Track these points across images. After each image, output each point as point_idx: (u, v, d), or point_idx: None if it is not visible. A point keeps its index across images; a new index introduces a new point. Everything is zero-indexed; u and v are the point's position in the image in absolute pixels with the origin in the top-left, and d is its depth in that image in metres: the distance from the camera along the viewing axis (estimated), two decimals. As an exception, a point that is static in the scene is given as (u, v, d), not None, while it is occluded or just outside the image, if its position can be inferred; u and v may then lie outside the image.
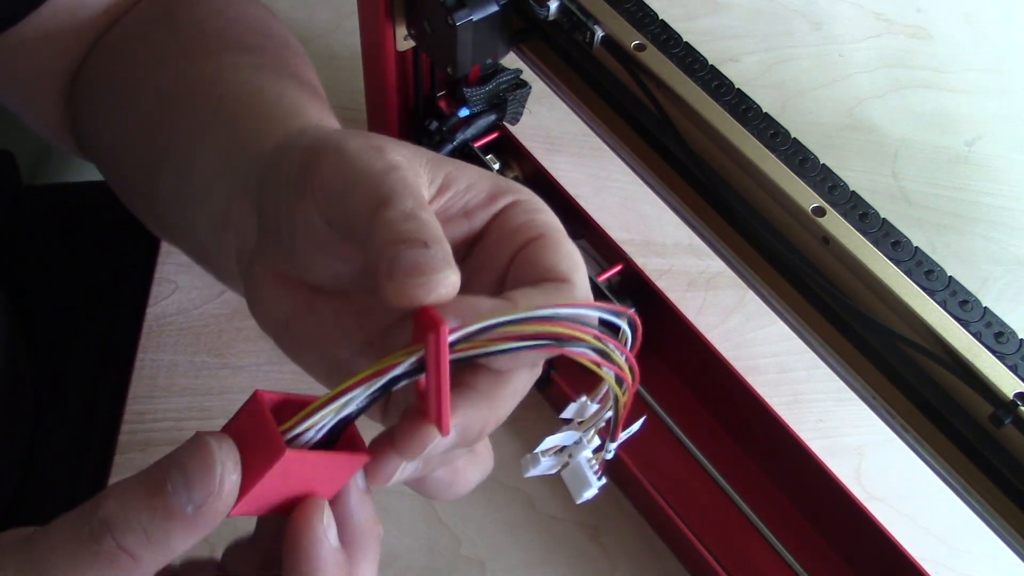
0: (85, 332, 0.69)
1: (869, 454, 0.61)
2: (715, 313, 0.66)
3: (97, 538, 0.26)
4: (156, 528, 0.26)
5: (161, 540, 0.26)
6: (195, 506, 0.26)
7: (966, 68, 0.82)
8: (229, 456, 0.26)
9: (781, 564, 0.54)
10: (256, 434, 0.27)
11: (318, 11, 0.79)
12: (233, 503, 0.27)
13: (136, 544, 0.26)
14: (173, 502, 0.26)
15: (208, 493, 0.26)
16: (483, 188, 0.32)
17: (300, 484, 0.28)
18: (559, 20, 0.50)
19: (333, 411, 0.27)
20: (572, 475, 0.36)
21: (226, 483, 0.26)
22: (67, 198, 0.78)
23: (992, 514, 0.42)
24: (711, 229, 0.50)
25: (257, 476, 0.27)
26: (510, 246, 0.32)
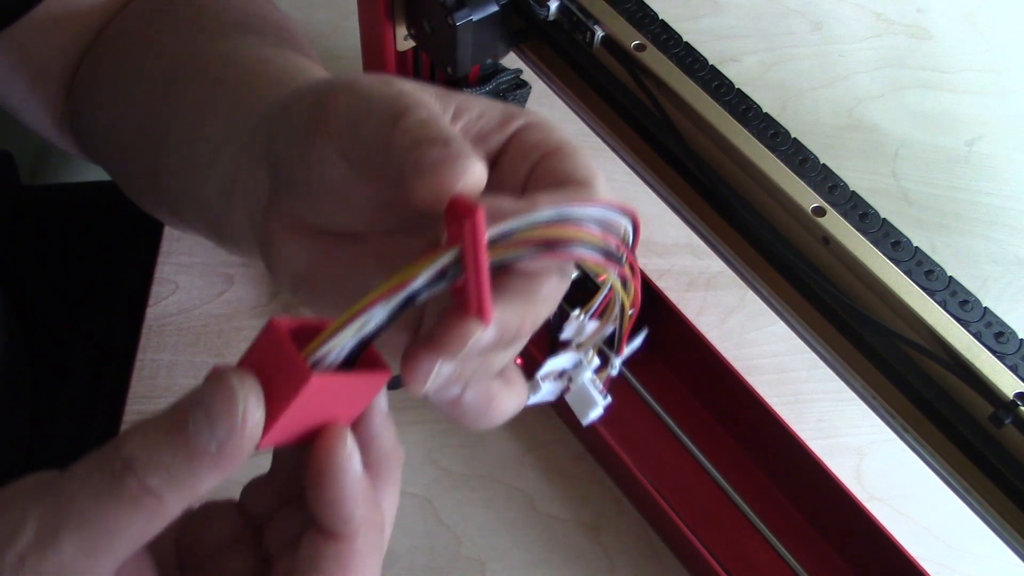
0: (85, 332, 0.69)
1: (869, 454, 0.61)
2: (715, 313, 0.66)
3: (120, 478, 0.25)
4: (179, 467, 0.25)
5: (185, 480, 0.25)
6: (218, 444, 0.25)
7: (966, 68, 0.82)
8: (251, 391, 0.25)
9: (781, 564, 0.54)
10: (277, 363, 0.26)
11: (318, 11, 0.79)
12: (258, 439, 0.26)
13: (160, 484, 0.25)
14: (196, 441, 0.25)
15: (231, 430, 0.25)
16: (494, 114, 0.32)
17: (323, 411, 0.27)
18: (559, 20, 0.50)
19: (353, 331, 0.26)
20: (576, 397, 0.35)
21: (249, 419, 0.25)
22: (67, 198, 0.78)
23: (992, 514, 0.42)
24: (711, 229, 0.50)
25: (282, 406, 0.26)
26: (526, 162, 0.32)
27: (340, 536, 0.27)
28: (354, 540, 0.27)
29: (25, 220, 0.73)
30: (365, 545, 0.27)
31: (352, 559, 0.27)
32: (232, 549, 0.30)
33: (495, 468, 0.59)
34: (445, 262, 0.26)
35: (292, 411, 0.26)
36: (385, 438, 0.30)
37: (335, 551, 0.27)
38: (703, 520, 0.54)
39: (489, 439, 0.60)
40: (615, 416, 0.58)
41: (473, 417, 0.31)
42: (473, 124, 0.32)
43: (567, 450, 0.59)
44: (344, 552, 0.27)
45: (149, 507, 0.25)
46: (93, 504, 0.25)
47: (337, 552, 0.27)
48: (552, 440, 0.60)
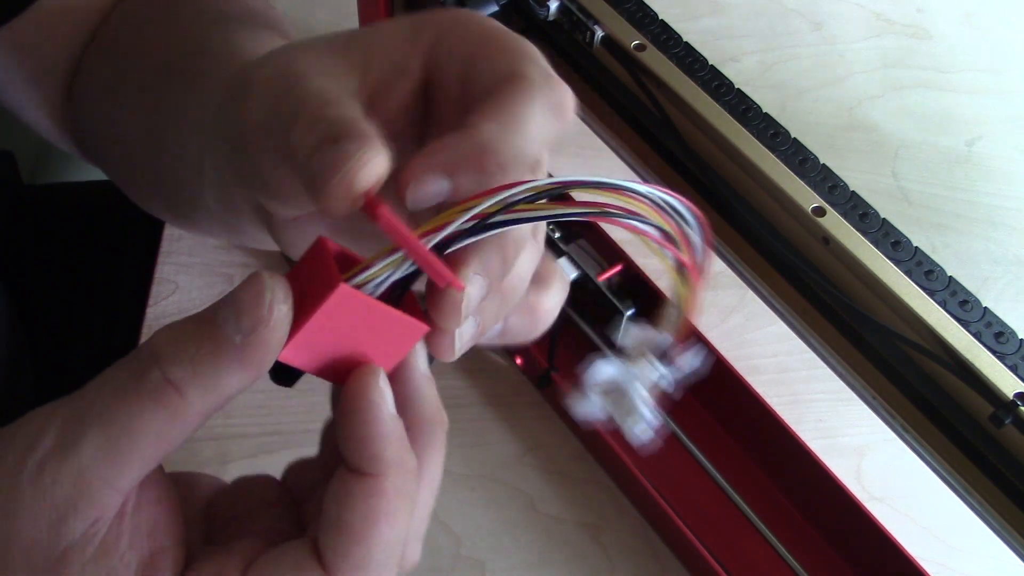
0: (85, 332, 0.69)
1: (869, 454, 0.61)
2: (715, 313, 0.66)
3: (145, 371, 0.25)
4: (203, 359, 0.25)
5: (208, 373, 0.25)
6: (243, 335, 0.25)
7: (966, 68, 0.82)
8: (279, 286, 0.25)
9: (781, 564, 0.54)
10: (314, 274, 0.26)
11: (318, 11, 0.79)
12: (283, 336, 0.25)
13: (182, 377, 0.25)
14: (221, 331, 0.25)
15: (257, 320, 0.25)
16: (401, 43, 0.31)
17: (355, 342, 0.27)
18: (559, 20, 0.50)
19: (393, 264, 0.26)
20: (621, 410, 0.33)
21: (275, 311, 0.25)
22: (67, 198, 0.78)
23: (992, 514, 0.42)
24: (711, 229, 0.50)
25: (310, 313, 0.25)
26: (455, 80, 0.31)
27: (368, 475, 0.26)
28: (383, 479, 0.26)
29: (26, 220, 0.73)
30: (394, 487, 0.26)
31: (381, 499, 0.26)
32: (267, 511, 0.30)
33: (495, 468, 0.59)
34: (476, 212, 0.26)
35: (319, 319, 0.26)
36: (426, 399, 0.29)
37: (363, 489, 0.26)
38: (703, 520, 0.54)
39: (489, 439, 0.60)
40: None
41: (526, 335, 0.31)
42: (383, 69, 0.31)
43: (567, 450, 0.59)
44: (373, 490, 0.26)
45: (170, 402, 0.25)
46: (115, 399, 0.25)
47: (365, 489, 0.26)
48: (552, 440, 0.60)
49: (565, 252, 0.58)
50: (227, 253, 0.65)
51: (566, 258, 0.57)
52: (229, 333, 0.25)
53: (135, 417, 0.25)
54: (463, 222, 0.26)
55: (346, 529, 0.26)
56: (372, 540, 0.26)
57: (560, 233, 0.59)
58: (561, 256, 0.58)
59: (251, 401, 0.59)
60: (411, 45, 0.31)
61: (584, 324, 0.59)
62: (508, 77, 0.29)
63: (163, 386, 0.25)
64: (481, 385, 0.61)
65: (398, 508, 0.26)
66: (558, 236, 0.59)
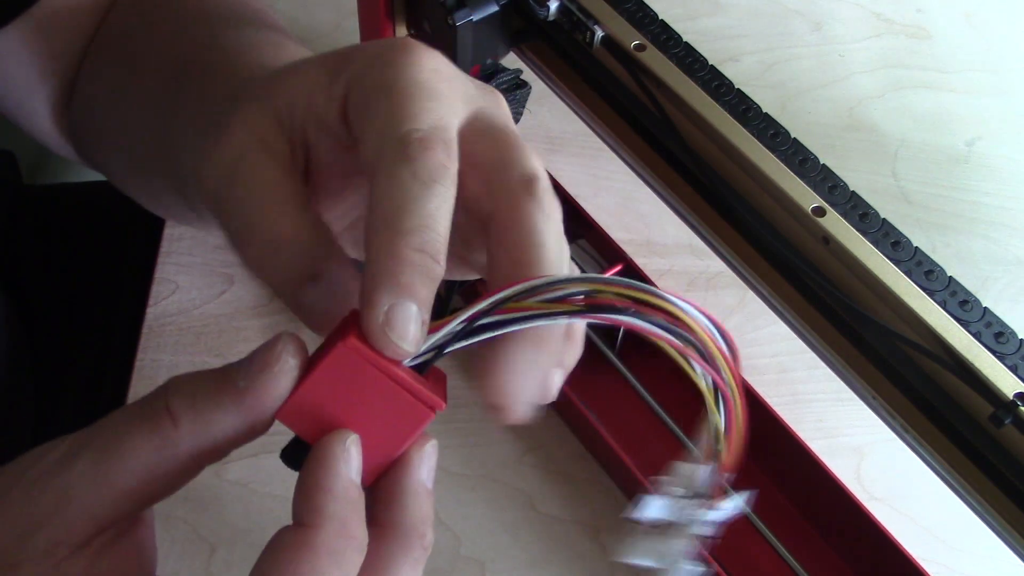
0: (85, 332, 0.69)
1: (869, 454, 0.61)
2: (715, 313, 0.66)
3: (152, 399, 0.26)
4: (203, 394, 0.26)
5: (203, 408, 0.26)
6: (247, 382, 0.26)
7: (966, 68, 0.82)
8: (292, 342, 0.26)
9: (781, 564, 0.54)
10: (333, 338, 0.26)
11: (318, 11, 0.79)
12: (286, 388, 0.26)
13: (179, 405, 0.26)
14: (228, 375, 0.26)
15: (263, 366, 0.26)
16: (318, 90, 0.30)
17: (357, 414, 0.26)
18: (559, 20, 0.50)
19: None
20: (665, 559, 0.30)
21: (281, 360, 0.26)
22: (67, 198, 0.78)
23: (992, 514, 0.42)
24: (711, 229, 0.50)
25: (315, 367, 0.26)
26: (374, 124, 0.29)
27: (304, 525, 0.26)
28: (316, 532, 0.25)
29: (26, 220, 0.73)
30: (325, 544, 0.25)
31: (306, 551, 0.25)
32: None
33: (495, 468, 0.59)
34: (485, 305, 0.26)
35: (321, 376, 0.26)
36: (412, 507, 0.29)
37: (293, 538, 0.26)
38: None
39: (489, 439, 0.60)
40: (615, 416, 0.58)
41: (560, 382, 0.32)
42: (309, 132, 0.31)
43: (567, 450, 0.59)
44: (302, 540, 0.25)
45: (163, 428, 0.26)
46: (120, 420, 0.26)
47: (295, 539, 0.25)
48: (552, 440, 0.60)
49: (565, 252, 0.58)
50: (227, 253, 0.65)
51: (566, 258, 0.57)
52: (235, 378, 0.26)
53: (125, 438, 0.26)
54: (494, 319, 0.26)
55: (270, 565, 0.25)
56: None
57: (560, 233, 0.59)
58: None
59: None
60: (329, 99, 0.30)
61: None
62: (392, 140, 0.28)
63: (160, 412, 0.26)
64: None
65: (323, 567, 0.25)
66: (558, 236, 0.59)
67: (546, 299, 0.26)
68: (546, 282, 0.26)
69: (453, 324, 0.27)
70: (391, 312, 0.25)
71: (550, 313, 0.26)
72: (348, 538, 0.26)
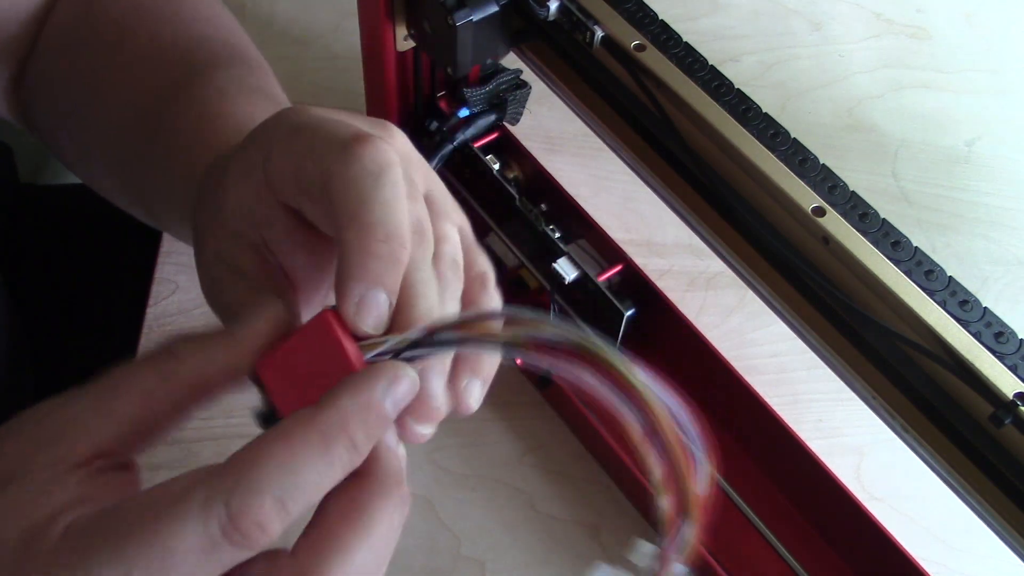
0: (85, 332, 0.69)
1: (869, 454, 0.61)
2: (715, 313, 0.66)
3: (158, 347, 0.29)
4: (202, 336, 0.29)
5: (201, 344, 0.29)
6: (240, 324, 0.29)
7: (966, 68, 0.82)
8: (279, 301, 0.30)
9: (781, 564, 0.54)
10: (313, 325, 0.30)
11: (318, 11, 0.79)
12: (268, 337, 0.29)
13: (181, 343, 0.29)
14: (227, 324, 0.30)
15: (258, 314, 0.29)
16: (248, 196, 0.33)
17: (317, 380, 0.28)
18: (559, 20, 0.50)
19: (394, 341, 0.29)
20: None
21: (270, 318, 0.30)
22: (67, 198, 0.78)
23: (992, 514, 0.42)
24: (711, 229, 0.50)
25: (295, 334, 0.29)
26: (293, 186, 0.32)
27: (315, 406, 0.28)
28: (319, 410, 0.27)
29: (26, 220, 0.73)
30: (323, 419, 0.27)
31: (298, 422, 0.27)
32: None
33: (495, 468, 0.59)
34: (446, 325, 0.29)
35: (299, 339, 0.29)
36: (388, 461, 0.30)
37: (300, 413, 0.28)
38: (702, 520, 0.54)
39: (489, 439, 0.60)
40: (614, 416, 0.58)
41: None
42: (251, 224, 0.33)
43: (567, 450, 0.59)
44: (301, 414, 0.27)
45: (163, 359, 0.28)
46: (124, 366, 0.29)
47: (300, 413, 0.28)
48: (552, 440, 0.60)
49: (565, 252, 0.58)
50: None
51: (566, 258, 0.57)
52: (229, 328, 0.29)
53: (127, 372, 0.28)
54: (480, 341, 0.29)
55: (257, 439, 0.27)
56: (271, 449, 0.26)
57: (560, 233, 0.59)
58: (561, 256, 0.58)
59: (251, 401, 0.59)
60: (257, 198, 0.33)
61: (584, 324, 0.59)
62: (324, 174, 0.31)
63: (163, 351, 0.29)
64: (481, 385, 0.61)
65: (311, 440, 0.27)
66: (558, 236, 0.59)
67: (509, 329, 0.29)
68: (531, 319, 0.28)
69: (412, 332, 0.29)
70: (362, 301, 0.28)
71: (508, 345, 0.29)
72: (342, 429, 0.27)
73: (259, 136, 0.33)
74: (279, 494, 0.26)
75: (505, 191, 0.60)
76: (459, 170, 0.64)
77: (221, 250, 0.33)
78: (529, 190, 0.62)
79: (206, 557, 0.25)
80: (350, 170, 0.29)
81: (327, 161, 0.30)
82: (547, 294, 0.58)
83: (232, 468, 0.26)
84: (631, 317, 0.56)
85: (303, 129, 0.31)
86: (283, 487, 0.26)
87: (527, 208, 0.60)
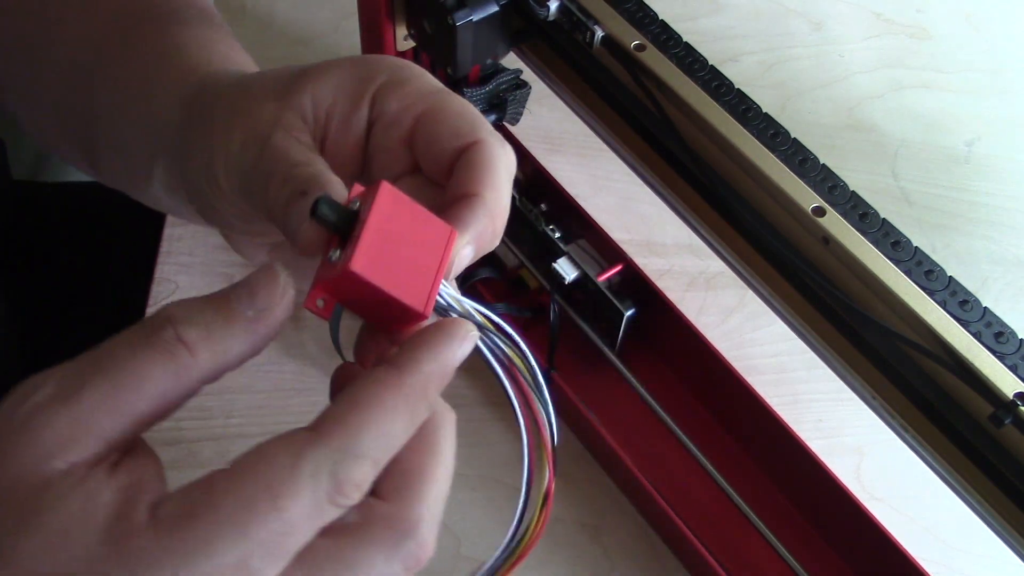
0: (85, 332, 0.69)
1: (869, 454, 0.61)
2: (715, 313, 0.66)
3: (158, 330, 0.27)
4: (216, 324, 0.27)
5: (220, 337, 0.27)
6: (257, 310, 0.28)
7: (966, 68, 0.82)
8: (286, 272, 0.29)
9: (781, 564, 0.54)
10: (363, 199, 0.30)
11: (318, 11, 0.79)
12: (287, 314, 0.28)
13: (196, 337, 0.27)
14: (235, 306, 0.28)
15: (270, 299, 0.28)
16: (345, 93, 0.34)
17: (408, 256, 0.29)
18: (559, 20, 0.50)
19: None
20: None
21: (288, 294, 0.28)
22: (67, 196, 0.78)
23: (992, 514, 0.42)
24: (711, 229, 0.50)
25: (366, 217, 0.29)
26: (401, 126, 0.34)
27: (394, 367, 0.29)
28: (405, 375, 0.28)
29: (25, 218, 0.73)
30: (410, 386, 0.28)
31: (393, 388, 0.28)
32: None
33: (495, 468, 0.59)
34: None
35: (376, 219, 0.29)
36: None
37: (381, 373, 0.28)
38: (703, 520, 0.54)
39: (489, 439, 0.60)
40: (615, 416, 0.58)
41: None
42: (333, 122, 0.34)
43: (567, 450, 0.59)
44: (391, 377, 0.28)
45: (180, 357, 0.27)
46: (125, 352, 0.27)
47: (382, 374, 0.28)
48: (552, 440, 0.60)
49: (565, 252, 0.58)
50: (227, 253, 0.65)
51: (566, 258, 0.57)
52: (243, 308, 0.28)
53: (144, 368, 0.27)
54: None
55: (348, 400, 0.27)
56: (369, 416, 0.27)
57: (560, 233, 0.59)
58: (561, 256, 0.58)
59: (251, 401, 0.59)
60: (357, 101, 0.34)
61: (584, 324, 0.59)
62: (472, 144, 0.34)
63: (175, 344, 0.27)
64: (481, 385, 0.61)
65: (402, 409, 0.28)
66: (558, 236, 0.59)
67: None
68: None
69: (478, 306, 0.31)
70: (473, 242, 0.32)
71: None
72: (427, 394, 0.29)
73: (364, 69, 0.34)
74: (378, 457, 0.27)
75: (505, 191, 0.60)
76: (459, 170, 0.64)
77: (281, 122, 0.33)
78: (529, 190, 0.62)
79: (313, 521, 0.26)
80: (492, 150, 0.33)
81: (471, 136, 0.33)
82: (547, 294, 0.58)
83: (334, 437, 0.27)
84: (631, 317, 0.56)
85: (433, 95, 0.34)
86: (381, 449, 0.27)
87: (527, 208, 0.60)
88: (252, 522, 0.25)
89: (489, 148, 0.34)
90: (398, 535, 0.28)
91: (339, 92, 0.34)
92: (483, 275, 0.62)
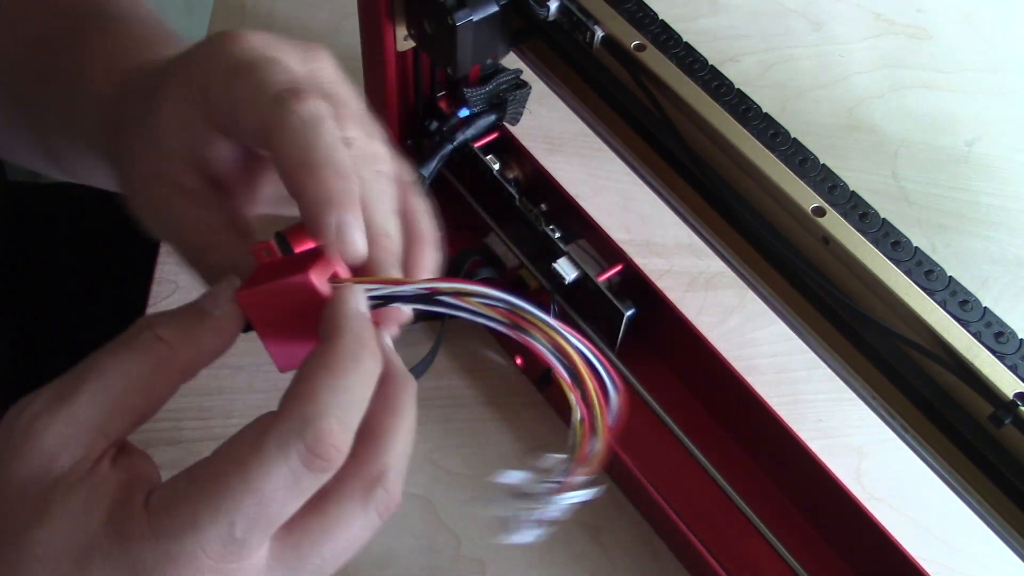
0: (85, 333, 0.69)
1: (869, 454, 0.61)
2: (715, 313, 0.66)
3: (137, 334, 0.31)
4: (189, 322, 0.31)
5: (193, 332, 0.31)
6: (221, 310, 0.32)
7: (966, 68, 0.82)
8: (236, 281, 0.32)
9: (781, 564, 0.54)
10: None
11: (318, 11, 0.79)
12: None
13: (173, 333, 0.31)
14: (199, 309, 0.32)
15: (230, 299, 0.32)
16: (191, 128, 0.35)
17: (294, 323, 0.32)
18: (559, 20, 0.50)
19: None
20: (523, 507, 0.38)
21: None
22: (67, 198, 0.78)
23: (992, 514, 0.42)
24: (711, 229, 0.50)
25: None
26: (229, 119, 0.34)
27: (326, 340, 0.30)
28: (337, 340, 0.30)
29: (25, 219, 0.73)
30: (344, 347, 0.30)
31: (330, 354, 0.30)
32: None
33: (495, 468, 0.59)
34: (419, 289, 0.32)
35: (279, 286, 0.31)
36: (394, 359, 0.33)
37: (318, 350, 0.30)
38: (703, 520, 0.54)
39: (489, 439, 0.60)
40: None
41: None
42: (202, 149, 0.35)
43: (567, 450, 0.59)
44: (325, 349, 0.30)
45: (160, 351, 0.30)
46: (110, 357, 0.30)
47: (319, 350, 0.30)
48: (552, 440, 0.60)
49: (565, 252, 0.58)
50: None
51: (566, 258, 0.57)
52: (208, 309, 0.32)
53: (128, 366, 0.30)
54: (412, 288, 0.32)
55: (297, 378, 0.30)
56: (318, 381, 0.29)
57: (560, 233, 0.59)
58: (561, 256, 0.58)
59: (251, 401, 0.59)
60: (205, 133, 0.35)
61: (584, 324, 0.59)
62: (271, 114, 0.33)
63: (155, 341, 0.30)
64: (481, 385, 0.61)
65: (346, 364, 0.29)
66: (558, 236, 0.59)
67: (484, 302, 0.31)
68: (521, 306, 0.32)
69: (416, 285, 0.32)
70: (339, 227, 0.31)
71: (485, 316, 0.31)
72: (363, 345, 0.30)
73: (194, 66, 0.34)
74: (340, 415, 0.29)
75: (505, 191, 0.60)
76: (459, 170, 0.64)
77: (161, 170, 0.35)
78: (529, 190, 0.62)
79: (292, 490, 0.28)
80: (290, 123, 0.32)
81: (266, 113, 0.32)
82: (547, 294, 0.58)
83: (292, 407, 0.29)
84: (631, 317, 0.56)
85: (240, 72, 0.33)
86: (341, 407, 0.29)
87: (527, 208, 0.60)
88: (227, 498, 0.28)
89: (280, 125, 0.32)
90: (368, 483, 0.31)
91: (182, 125, 0.35)
92: (483, 275, 0.62)
